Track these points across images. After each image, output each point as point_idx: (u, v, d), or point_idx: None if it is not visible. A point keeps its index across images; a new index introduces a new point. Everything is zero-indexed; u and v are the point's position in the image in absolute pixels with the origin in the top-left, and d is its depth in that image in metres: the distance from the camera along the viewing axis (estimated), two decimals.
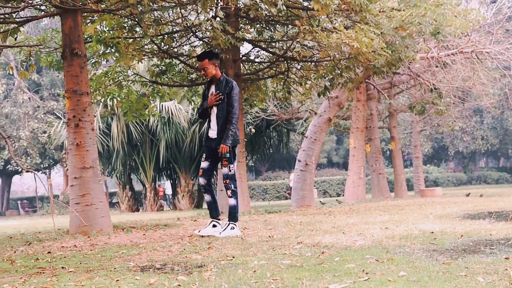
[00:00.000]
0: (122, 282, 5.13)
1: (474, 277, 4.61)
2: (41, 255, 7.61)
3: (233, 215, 8.76)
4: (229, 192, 8.70)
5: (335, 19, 15.11)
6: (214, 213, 8.92)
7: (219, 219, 8.87)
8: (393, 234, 7.80)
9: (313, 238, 7.84)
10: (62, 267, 6.25)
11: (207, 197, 8.93)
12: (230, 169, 8.59)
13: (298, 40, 14.68)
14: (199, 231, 8.70)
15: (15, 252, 8.38)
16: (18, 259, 7.26)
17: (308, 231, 8.79)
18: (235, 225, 8.72)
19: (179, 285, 4.87)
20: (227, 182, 8.64)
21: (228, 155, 8.53)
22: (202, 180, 8.81)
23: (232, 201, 8.75)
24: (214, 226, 8.74)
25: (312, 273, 5.12)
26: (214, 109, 8.60)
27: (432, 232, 7.80)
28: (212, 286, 4.75)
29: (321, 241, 7.38)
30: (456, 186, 56.38)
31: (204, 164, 8.81)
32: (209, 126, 8.81)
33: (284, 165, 61.81)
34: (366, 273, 4.94)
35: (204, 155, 8.86)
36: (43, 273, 5.95)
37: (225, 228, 8.67)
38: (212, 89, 8.70)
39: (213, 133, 8.70)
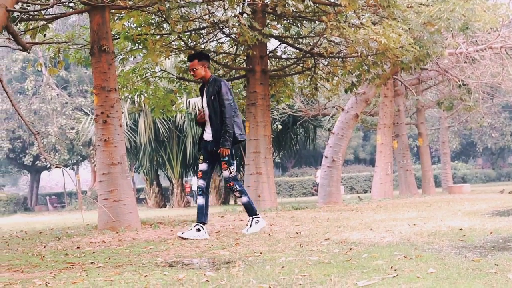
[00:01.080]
0: (151, 277, 5.15)
1: (504, 274, 4.57)
2: (70, 250, 7.67)
3: (250, 210, 8.71)
4: (236, 193, 8.61)
5: (363, 15, 15.05)
6: (202, 217, 8.46)
7: (204, 225, 8.43)
8: (421, 230, 7.75)
9: (341, 234, 7.82)
10: (91, 263, 6.30)
11: (200, 200, 8.52)
12: (231, 171, 8.44)
13: (325, 36, 14.62)
14: (182, 233, 8.33)
15: (44, 247, 8.46)
16: (47, 254, 7.33)
17: (336, 228, 8.77)
18: (258, 217, 8.70)
19: (208, 280, 4.87)
20: (231, 185, 8.52)
21: (226, 158, 8.37)
22: (201, 182, 8.53)
23: (243, 199, 8.63)
24: (198, 230, 8.31)
25: (340, 269, 5.10)
26: (207, 111, 8.44)
27: (460, 229, 7.74)
28: (240, 282, 4.75)
29: (348, 238, 7.36)
30: (485, 183, 55.85)
31: (202, 166, 8.58)
32: (203, 128, 8.65)
33: (311, 161, 61.67)
34: (395, 270, 4.91)
35: (201, 157, 8.64)
36: (73, 268, 6.00)
37: (250, 224, 8.66)
38: (205, 91, 8.52)
39: (207, 136, 8.53)
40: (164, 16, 12.55)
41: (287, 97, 19.02)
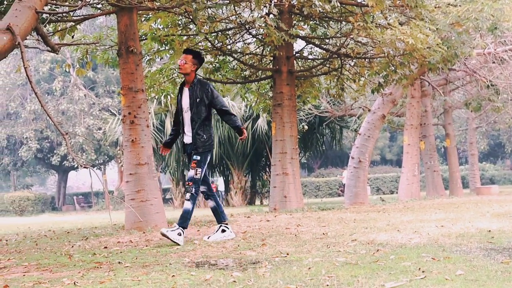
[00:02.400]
0: (178, 277, 5.17)
1: None
2: (98, 250, 7.73)
3: (184, 219, 8.08)
4: (187, 195, 8.08)
5: (390, 15, 14.97)
6: (220, 217, 8.43)
7: (227, 223, 8.43)
8: (449, 232, 7.70)
9: (368, 235, 7.79)
10: (119, 262, 6.33)
11: (210, 203, 8.45)
12: (197, 172, 8.04)
13: (352, 36, 14.57)
14: (208, 237, 8.24)
15: (72, 246, 8.53)
16: (75, 254, 7.38)
17: (362, 229, 8.74)
18: (182, 231, 8.02)
19: (235, 281, 4.88)
20: (190, 184, 8.06)
21: (198, 157, 8.06)
22: (202, 188, 8.32)
23: (188, 205, 8.08)
24: (223, 231, 8.32)
25: (367, 270, 5.09)
26: (188, 113, 8.13)
27: (489, 231, 7.68)
28: (267, 282, 4.76)
29: (375, 239, 7.33)
30: None
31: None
32: (183, 132, 8.32)
33: (337, 162, 61.50)
34: (423, 272, 4.88)
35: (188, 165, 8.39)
36: (100, 267, 6.04)
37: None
38: (186, 92, 8.21)
39: (187, 138, 8.25)
40: (191, 17, 12.60)
41: (313, 97, 18.98)
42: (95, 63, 16.63)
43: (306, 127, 30.08)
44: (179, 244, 7.75)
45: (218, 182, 40.16)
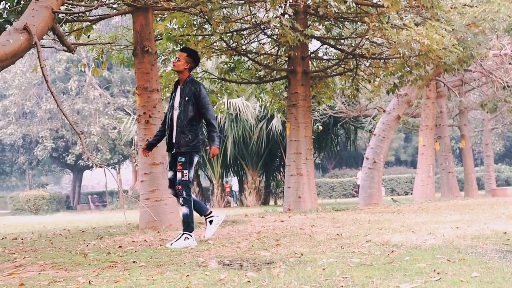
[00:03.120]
0: (193, 277, 5.18)
1: None
2: (112, 249, 7.75)
3: (187, 224, 7.93)
4: (180, 200, 7.93)
5: (405, 16, 14.92)
6: (202, 211, 8.22)
7: (210, 214, 8.22)
8: (464, 234, 7.66)
9: (382, 236, 7.77)
10: (133, 262, 6.35)
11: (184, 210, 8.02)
12: (184, 174, 7.85)
13: (367, 37, 14.55)
14: (204, 236, 8.12)
15: (87, 246, 8.56)
16: (90, 253, 7.41)
17: (377, 230, 8.72)
18: (190, 235, 7.89)
19: (249, 281, 4.88)
20: (179, 188, 7.86)
21: (183, 159, 7.85)
22: (171, 191, 8.17)
23: (184, 210, 7.92)
24: (211, 222, 8.16)
25: (382, 272, 5.07)
26: (176, 112, 7.96)
27: (505, 233, 7.64)
28: (281, 283, 4.75)
29: (390, 240, 7.31)
30: None
31: (169, 174, 8.17)
32: (170, 131, 8.09)
33: (351, 162, 61.38)
34: (438, 273, 4.86)
35: (169, 165, 8.20)
36: (115, 267, 6.06)
37: (178, 239, 7.87)
38: (178, 91, 8.07)
39: (175, 138, 8.01)
40: (206, 17, 12.63)
41: (328, 98, 18.97)
42: (110, 63, 16.66)
43: (320, 127, 30.05)
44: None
45: (232, 182, 40.19)
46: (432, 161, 23.53)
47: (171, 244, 7.76)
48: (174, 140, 7.97)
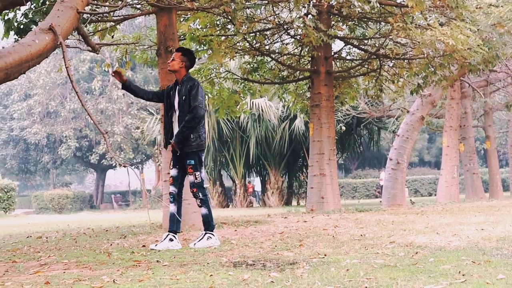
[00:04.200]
0: (216, 277, 5.18)
1: None
2: (136, 249, 7.78)
3: (208, 224, 7.97)
4: (198, 201, 7.97)
5: (430, 16, 14.84)
6: (174, 226, 7.97)
7: (176, 234, 7.94)
8: (489, 235, 7.60)
9: (406, 237, 7.73)
10: (157, 261, 6.37)
11: (172, 208, 8.01)
12: (196, 176, 7.83)
13: (391, 37, 14.49)
14: (155, 245, 7.73)
15: (111, 245, 8.60)
16: (114, 252, 7.44)
17: (401, 231, 8.67)
18: (212, 234, 7.93)
19: (273, 281, 4.87)
20: (195, 191, 7.88)
21: (192, 161, 7.82)
22: (172, 189, 8.04)
23: (203, 210, 7.96)
24: (171, 240, 7.80)
25: (406, 273, 5.05)
26: (177, 112, 7.92)
27: None
28: (305, 283, 4.74)
29: (414, 241, 7.27)
30: None
31: (173, 172, 8.05)
32: (172, 131, 8.08)
33: (374, 163, 61.15)
34: (463, 275, 4.82)
35: (171, 162, 8.14)
36: (139, 266, 6.08)
37: (201, 239, 7.90)
38: (177, 91, 7.98)
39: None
40: (229, 17, 12.63)
41: (351, 98, 18.91)
42: (134, 63, 16.79)
43: (343, 128, 29.96)
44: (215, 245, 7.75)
45: (255, 183, 40.20)
46: (457, 162, 23.39)
47: (194, 244, 7.79)
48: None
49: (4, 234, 13.96)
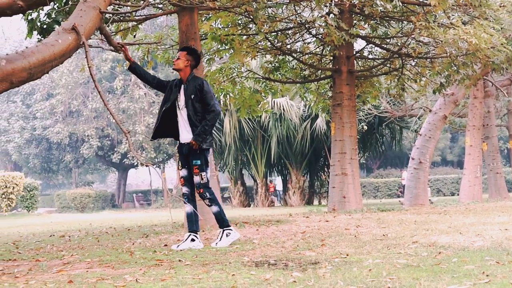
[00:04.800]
0: (238, 276, 5.18)
1: None
2: (158, 248, 7.81)
3: (222, 221, 7.94)
4: (206, 201, 7.87)
5: (453, 15, 14.74)
6: (193, 226, 7.92)
7: (197, 233, 7.89)
8: None
9: (429, 237, 7.69)
10: (179, 260, 6.38)
11: (188, 208, 7.93)
12: (202, 177, 7.75)
13: (413, 36, 14.41)
14: (177, 246, 7.73)
15: (133, 244, 8.64)
16: (136, 251, 7.47)
17: (423, 231, 8.62)
18: (230, 229, 7.94)
19: (295, 281, 4.86)
20: (201, 191, 7.79)
21: (199, 162, 7.74)
22: (185, 189, 7.97)
23: (214, 208, 7.89)
24: (192, 240, 7.77)
25: (429, 273, 5.01)
26: (184, 110, 7.83)
27: None
28: (327, 283, 4.73)
29: (437, 241, 7.22)
30: None
31: (182, 173, 7.98)
32: (177, 130, 7.99)
33: (396, 162, 60.89)
34: (487, 275, 4.79)
35: (180, 163, 8.03)
36: (161, 265, 6.09)
37: (221, 237, 7.89)
38: (182, 90, 7.90)
39: (184, 138, 7.90)
40: (251, 16, 12.63)
41: (373, 97, 18.85)
42: (155, 62, 16.81)
43: (365, 127, 29.88)
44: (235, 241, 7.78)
45: (276, 182, 40.17)
46: (480, 161, 23.23)
47: (216, 244, 7.78)
48: (184, 141, 7.88)
49: (28, 233, 14.07)
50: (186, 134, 7.86)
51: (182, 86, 7.94)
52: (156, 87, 8.34)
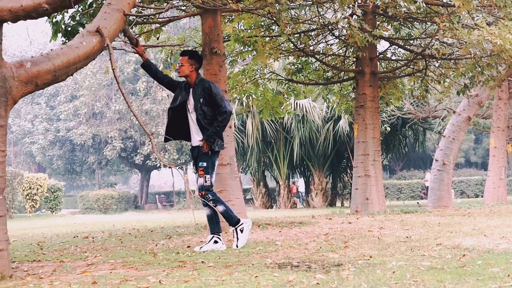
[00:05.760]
0: (261, 278, 5.18)
1: None
2: (181, 249, 7.82)
3: (230, 219, 7.84)
4: (210, 203, 7.72)
5: (477, 16, 14.64)
6: (215, 227, 7.86)
7: (219, 235, 7.85)
8: None
9: (453, 240, 7.64)
10: (202, 262, 6.39)
11: (207, 210, 7.86)
12: (206, 179, 7.65)
13: (437, 37, 14.33)
14: (200, 248, 7.67)
15: (156, 245, 8.66)
16: (159, 252, 7.49)
17: (447, 233, 8.57)
18: (241, 223, 7.83)
19: (318, 283, 4.85)
20: (203, 193, 7.67)
21: (205, 164, 7.65)
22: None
23: (220, 208, 7.76)
24: (215, 242, 7.72)
25: (453, 276, 4.98)
26: (194, 115, 7.78)
27: None
28: (351, 285, 4.71)
29: (461, 243, 7.18)
30: None
31: (196, 176, 7.88)
32: (189, 133, 7.94)
33: (420, 164, 60.59)
34: None
35: (194, 167, 8.03)
36: (184, 266, 6.11)
37: (237, 237, 7.81)
38: (191, 94, 7.85)
39: (196, 141, 7.85)
40: (274, 18, 12.62)
41: (396, 99, 18.77)
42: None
43: (388, 128, 29.76)
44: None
45: (299, 183, 40.12)
46: (504, 163, 23.05)
47: (237, 246, 7.75)
48: (196, 144, 7.85)
49: (52, 234, 14.18)
50: (197, 138, 7.84)
51: (191, 89, 7.91)
52: (166, 86, 8.33)
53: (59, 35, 10.96)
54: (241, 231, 7.84)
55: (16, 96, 5.85)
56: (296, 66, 17.27)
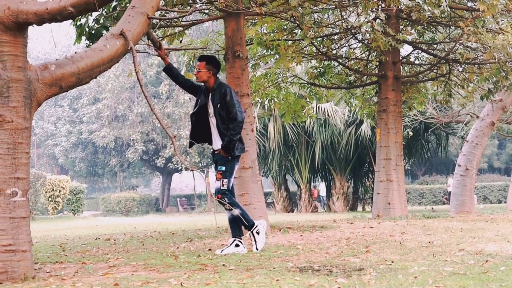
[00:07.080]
0: (282, 282, 5.17)
1: None
2: (202, 252, 7.83)
3: (246, 222, 7.82)
4: (226, 206, 7.71)
5: (502, 20, 14.54)
6: (236, 231, 7.88)
7: (241, 238, 7.85)
8: None
9: (476, 245, 7.59)
10: (223, 265, 6.40)
11: (228, 214, 7.90)
12: (223, 183, 7.66)
13: (461, 41, 14.25)
14: (221, 251, 7.66)
15: (177, 248, 8.68)
16: (181, 255, 7.51)
17: (470, 238, 8.51)
18: (255, 226, 7.82)
19: (339, 287, 4.84)
20: (219, 197, 7.67)
21: (223, 168, 7.67)
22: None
23: (235, 212, 7.75)
24: (237, 245, 7.73)
25: (476, 281, 4.95)
26: (214, 118, 7.81)
27: None
28: None
29: (484, 249, 7.13)
30: None
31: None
32: (211, 137, 7.96)
33: (442, 169, 60.26)
34: None
35: (215, 170, 7.96)
36: (205, 269, 6.11)
37: (255, 239, 7.81)
38: (210, 99, 7.85)
39: (216, 145, 7.88)
40: (297, 22, 12.62)
41: (419, 103, 18.68)
42: None
43: (410, 133, 29.63)
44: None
45: (320, 187, 40.04)
46: None
47: (257, 248, 7.75)
48: (216, 148, 7.86)
49: (74, 235, 14.25)
50: (217, 142, 7.86)
51: (210, 94, 7.92)
52: (188, 90, 8.33)
53: (83, 38, 11.03)
54: (258, 233, 7.84)
55: (41, 99, 5.90)
56: (318, 70, 17.25)
